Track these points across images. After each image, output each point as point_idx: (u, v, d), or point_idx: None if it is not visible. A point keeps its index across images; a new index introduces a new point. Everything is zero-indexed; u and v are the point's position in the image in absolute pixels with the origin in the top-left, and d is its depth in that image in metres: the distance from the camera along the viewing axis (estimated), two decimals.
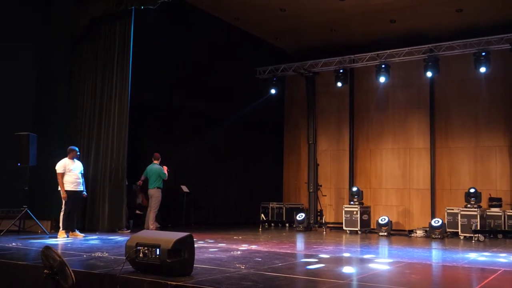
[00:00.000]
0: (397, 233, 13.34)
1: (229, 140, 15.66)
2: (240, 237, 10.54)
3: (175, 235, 5.20)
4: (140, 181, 11.87)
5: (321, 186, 14.90)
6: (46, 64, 11.67)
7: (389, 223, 12.64)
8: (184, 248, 5.13)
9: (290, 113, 17.66)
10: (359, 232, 13.07)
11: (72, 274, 4.88)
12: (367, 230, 13.45)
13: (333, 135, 16.54)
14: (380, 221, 12.71)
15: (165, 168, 11.62)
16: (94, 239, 9.26)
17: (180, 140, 14.15)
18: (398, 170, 15.30)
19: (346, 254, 7.91)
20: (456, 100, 14.70)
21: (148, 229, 11.10)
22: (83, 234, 9.87)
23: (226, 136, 15.47)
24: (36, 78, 11.60)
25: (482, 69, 12.81)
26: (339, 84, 14.89)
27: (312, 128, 14.81)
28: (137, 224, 12.25)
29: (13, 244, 7.87)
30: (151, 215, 11.39)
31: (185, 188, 13.86)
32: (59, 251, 5.10)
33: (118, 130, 11.36)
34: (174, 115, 14.06)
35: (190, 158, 14.49)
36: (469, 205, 12.13)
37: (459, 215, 12.02)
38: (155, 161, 11.80)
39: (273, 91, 16.03)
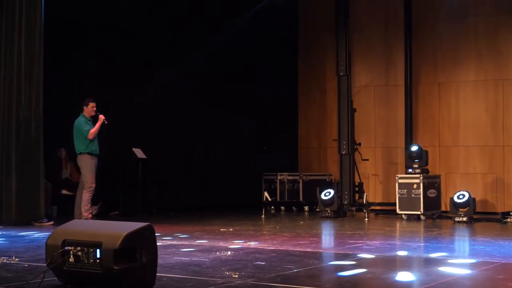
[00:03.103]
0: (484, 217, 13.42)
1: (210, 75, 15.58)
2: (231, 229, 10.59)
3: (125, 227, 5.20)
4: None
5: (359, 145, 14.90)
6: None
7: (470, 202, 12.70)
8: (141, 247, 5.14)
9: (308, 28, 17.47)
10: (422, 217, 13.16)
11: None
12: (436, 213, 13.53)
13: (378, 61, 16.42)
14: (456, 199, 12.77)
15: (100, 119, 11.54)
16: None
17: (132, 76, 14.08)
18: (485, 116, 15.26)
19: (402, 253, 7.95)
20: None
21: (81, 218, 11.15)
22: None
23: (205, 69, 15.40)
24: None
25: None
26: None
27: (343, 52, 14.67)
28: (65, 211, 12.30)
29: None
30: (84, 196, 11.45)
31: (140, 153, 13.87)
32: None
33: (27, 61, 11.27)
34: (120, 38, 13.96)
35: (149, 105, 14.45)
36: None
37: None
38: (84, 112, 11.74)
39: None
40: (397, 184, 13.51)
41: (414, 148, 13.92)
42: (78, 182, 12.00)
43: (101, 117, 11.55)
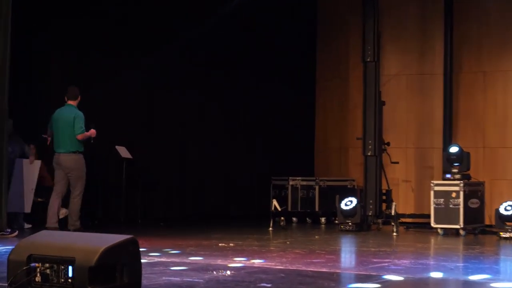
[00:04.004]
0: None
1: (209, 63, 15.62)
2: (232, 244, 10.60)
3: (103, 240, 5.21)
4: (46, 136, 11.99)
5: (388, 144, 14.88)
6: None
7: None
8: (122, 265, 5.14)
9: (329, 6, 17.47)
10: (462, 231, 13.12)
11: None
12: (478, 228, 13.49)
13: (412, 46, 16.38)
14: (503, 211, 12.75)
15: (92, 133, 11.79)
16: None
17: (117, 64, 14.16)
18: None
19: (436, 274, 7.93)
20: None
21: (52, 228, 11.23)
22: None
23: (202, 57, 15.46)
24: None
25: None
26: None
27: (371, 34, 14.65)
28: (35, 220, 12.35)
29: None
30: (77, 204, 11.60)
31: (124, 152, 13.88)
32: None
33: None
34: (103, 24, 14.13)
35: (136, 97, 14.52)
36: None
37: None
38: (69, 102, 11.86)
39: None
40: (432, 192, 13.46)
41: (454, 149, 13.87)
42: (49, 186, 12.05)
43: (94, 132, 11.77)
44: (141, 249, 5.37)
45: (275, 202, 14.44)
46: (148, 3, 14.86)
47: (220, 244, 10.52)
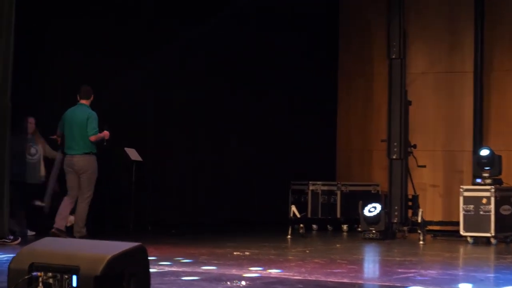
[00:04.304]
0: None
1: (224, 59, 15.65)
2: (248, 253, 10.60)
3: (109, 248, 5.20)
4: (55, 137, 12.08)
5: (414, 147, 14.85)
6: None
7: None
8: (129, 274, 5.14)
9: (351, 2, 17.49)
10: (493, 240, 13.07)
11: None
12: (511, 236, 13.44)
13: (439, 43, 16.36)
14: None
15: (106, 135, 11.88)
16: None
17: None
18: None
19: (465, 286, 7.90)
20: None
21: (60, 230, 11.30)
22: None
23: (217, 53, 15.47)
24: None
25: None
26: None
27: (397, 29, 14.64)
28: (39, 226, 12.38)
29: None
30: (85, 209, 11.67)
31: (134, 154, 13.89)
32: None
33: None
34: (115, 19, 14.26)
35: (146, 96, 14.58)
36: None
37: None
38: (82, 101, 11.93)
39: None
40: (461, 198, 13.41)
41: (484, 152, 13.83)
42: (57, 192, 12.12)
43: (107, 134, 11.87)
44: (150, 258, 5.37)
45: (294, 208, 14.43)
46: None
47: (234, 253, 10.52)
